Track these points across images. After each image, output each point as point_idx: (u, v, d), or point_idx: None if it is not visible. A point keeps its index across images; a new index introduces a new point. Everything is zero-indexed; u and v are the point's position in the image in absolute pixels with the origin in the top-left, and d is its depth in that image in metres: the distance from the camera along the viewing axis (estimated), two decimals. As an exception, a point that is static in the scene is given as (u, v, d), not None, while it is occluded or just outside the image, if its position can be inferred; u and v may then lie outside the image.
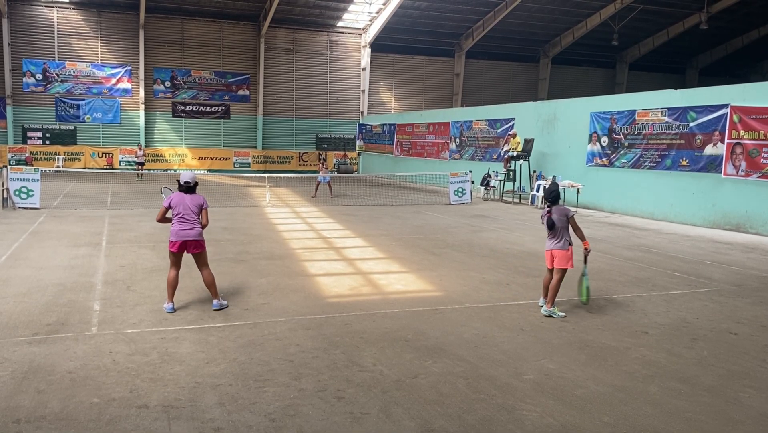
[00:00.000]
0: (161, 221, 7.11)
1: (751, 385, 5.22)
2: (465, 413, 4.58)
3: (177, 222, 6.96)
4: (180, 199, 6.99)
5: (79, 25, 31.60)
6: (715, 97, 15.45)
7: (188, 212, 6.94)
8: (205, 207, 7.09)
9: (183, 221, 6.93)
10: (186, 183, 7.03)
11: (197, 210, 6.99)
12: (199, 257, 7.08)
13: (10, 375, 5.06)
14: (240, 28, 34.14)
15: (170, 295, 7.05)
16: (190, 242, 6.95)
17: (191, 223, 6.94)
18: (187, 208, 6.94)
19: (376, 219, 15.73)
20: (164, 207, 7.04)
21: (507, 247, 11.90)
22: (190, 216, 6.94)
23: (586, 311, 7.39)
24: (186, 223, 6.92)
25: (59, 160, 30.68)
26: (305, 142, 36.13)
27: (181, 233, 6.91)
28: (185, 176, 7.09)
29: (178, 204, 6.97)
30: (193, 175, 7.11)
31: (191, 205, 6.97)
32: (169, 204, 7.01)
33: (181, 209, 6.94)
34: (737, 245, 12.80)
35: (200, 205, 7.04)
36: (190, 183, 7.04)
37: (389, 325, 6.68)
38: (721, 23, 35.94)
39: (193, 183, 7.07)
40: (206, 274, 7.09)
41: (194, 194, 7.08)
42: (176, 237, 6.93)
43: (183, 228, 6.91)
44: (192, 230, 6.93)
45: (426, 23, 35.21)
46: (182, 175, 7.13)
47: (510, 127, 22.85)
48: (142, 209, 16.52)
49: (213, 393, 4.81)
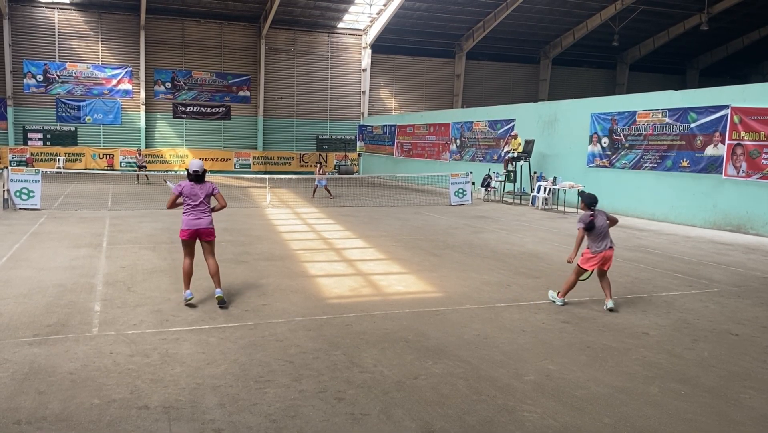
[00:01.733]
0: (171, 207, 7.21)
1: (751, 386, 5.22)
2: (466, 414, 4.58)
3: (188, 211, 7.07)
4: (190, 189, 7.10)
5: (79, 26, 31.64)
6: (716, 98, 15.45)
7: (199, 201, 7.05)
8: (216, 192, 7.19)
9: (194, 210, 7.04)
10: (195, 172, 7.14)
11: (207, 199, 7.11)
12: (209, 244, 7.20)
13: (10, 376, 5.06)
14: (240, 29, 34.17)
15: (186, 283, 7.21)
16: (202, 230, 7.06)
17: (202, 212, 7.06)
18: (197, 197, 7.06)
19: (376, 220, 15.73)
20: (174, 194, 7.14)
21: (507, 248, 11.90)
22: (201, 205, 7.06)
23: (587, 311, 7.40)
24: (197, 212, 7.04)
25: (60, 161, 30.71)
26: (306, 144, 36.15)
27: (192, 222, 7.03)
28: (194, 165, 7.19)
29: (189, 193, 7.07)
30: (201, 164, 7.22)
31: (201, 194, 7.08)
32: (180, 192, 7.10)
33: (192, 199, 7.05)
34: (738, 246, 12.80)
35: (210, 193, 7.14)
36: (198, 172, 7.14)
37: (390, 326, 6.68)
38: (721, 24, 35.96)
39: (202, 171, 7.17)
40: (212, 263, 7.19)
41: (204, 183, 7.18)
42: (187, 226, 7.06)
43: (194, 217, 7.03)
44: (203, 219, 7.05)
45: (426, 24, 35.24)
46: (191, 164, 7.23)
47: (510, 128, 22.85)
48: (143, 210, 16.53)
49: (213, 394, 4.81)
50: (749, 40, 39.55)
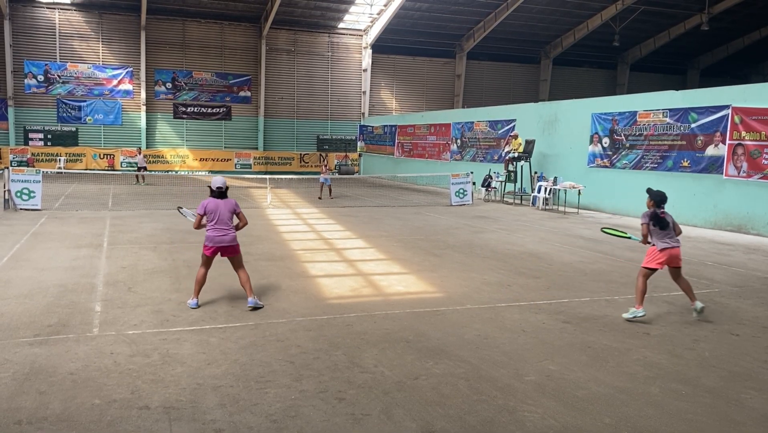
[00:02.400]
0: (198, 227, 7.28)
1: (752, 386, 5.22)
2: (466, 414, 4.58)
3: (212, 228, 7.12)
4: (214, 206, 7.16)
5: (80, 27, 31.66)
6: (717, 98, 15.44)
7: (223, 218, 7.12)
8: (238, 210, 7.27)
9: (218, 227, 7.10)
10: (218, 188, 7.21)
11: (231, 215, 7.18)
12: (234, 259, 7.24)
13: (11, 376, 5.06)
14: (241, 29, 34.18)
15: (196, 291, 7.26)
16: (225, 248, 7.12)
17: (226, 229, 7.12)
18: (221, 214, 7.12)
19: (377, 220, 15.73)
20: (199, 214, 7.20)
21: (508, 248, 11.90)
22: (225, 222, 7.12)
23: (587, 311, 7.39)
24: (220, 229, 7.10)
25: (60, 161, 30.72)
26: (306, 144, 36.15)
27: (216, 238, 7.09)
28: (217, 182, 7.26)
29: (213, 210, 7.14)
30: (224, 181, 7.29)
31: (225, 211, 7.15)
32: (204, 210, 7.16)
33: (216, 215, 7.11)
34: (738, 246, 12.79)
35: (233, 210, 7.22)
36: (222, 188, 7.21)
37: (390, 326, 6.67)
38: (722, 24, 35.95)
39: (225, 188, 7.24)
40: (242, 274, 7.24)
41: (227, 199, 7.26)
42: (212, 243, 7.11)
43: (218, 234, 7.09)
44: (227, 236, 7.11)
45: (427, 24, 35.25)
46: (214, 180, 7.30)
47: (511, 128, 22.85)
48: (144, 211, 16.54)
49: (214, 394, 4.81)
50: (750, 40, 39.54)
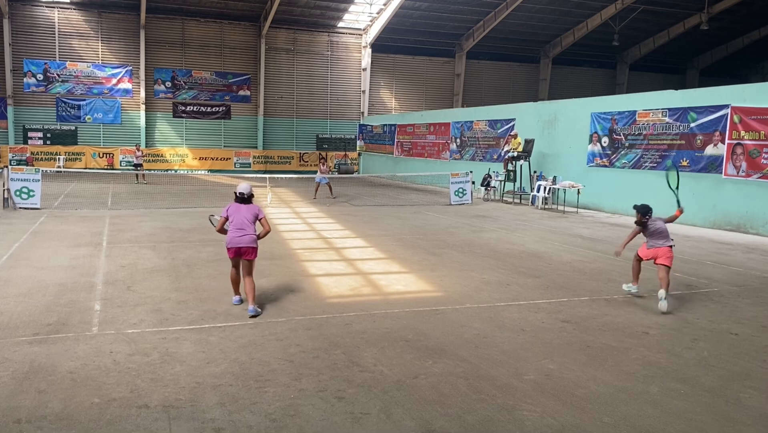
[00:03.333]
0: (221, 231, 7.41)
1: (751, 385, 5.23)
2: (465, 413, 4.58)
3: (231, 230, 7.23)
4: (236, 210, 7.30)
5: (79, 26, 31.62)
6: (716, 98, 15.44)
7: (244, 221, 7.21)
8: (261, 216, 7.37)
9: (238, 229, 7.19)
10: (241, 194, 7.34)
11: (252, 219, 7.29)
12: (249, 263, 7.28)
13: (10, 375, 5.06)
14: (241, 28, 34.15)
15: (235, 289, 7.44)
16: (244, 249, 7.18)
17: (244, 231, 7.19)
18: (242, 218, 7.23)
19: (376, 219, 15.73)
20: (222, 218, 7.35)
21: (507, 247, 11.90)
22: (246, 225, 7.21)
23: (587, 311, 7.40)
24: (239, 230, 7.18)
25: (60, 160, 30.67)
26: (306, 143, 36.14)
27: (234, 239, 7.16)
28: (241, 188, 7.38)
29: (234, 213, 7.28)
30: (248, 187, 7.41)
31: (247, 215, 7.26)
32: (227, 215, 7.31)
33: (237, 218, 7.22)
34: (738, 245, 12.80)
35: (255, 215, 7.33)
36: (245, 194, 7.33)
37: (390, 325, 6.68)
38: (721, 24, 35.94)
39: (248, 194, 7.35)
40: (248, 281, 7.25)
41: (250, 204, 7.38)
42: (231, 244, 7.19)
43: (237, 235, 7.17)
44: (245, 237, 7.17)
45: (426, 24, 35.22)
46: (238, 186, 7.42)
47: (510, 127, 22.85)
48: (143, 209, 16.54)
49: (213, 393, 4.81)
50: (749, 39, 39.52)
